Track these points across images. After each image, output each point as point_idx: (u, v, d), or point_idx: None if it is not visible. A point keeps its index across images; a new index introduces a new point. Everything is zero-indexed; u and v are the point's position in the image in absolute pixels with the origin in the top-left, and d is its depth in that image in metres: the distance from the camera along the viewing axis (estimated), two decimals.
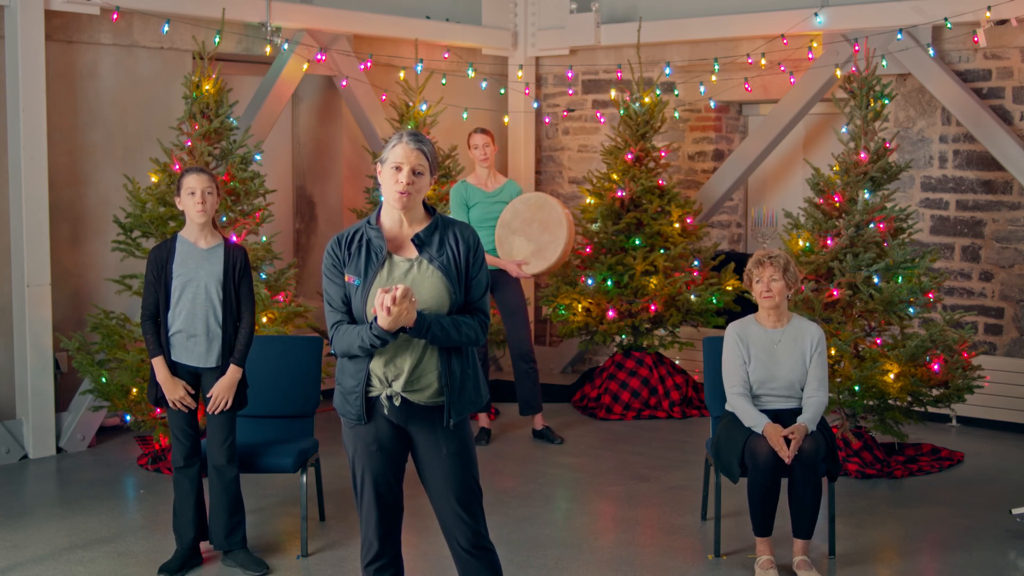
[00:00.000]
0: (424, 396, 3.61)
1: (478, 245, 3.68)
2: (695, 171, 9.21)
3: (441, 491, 3.67)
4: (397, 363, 3.58)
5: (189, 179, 4.79)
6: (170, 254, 4.80)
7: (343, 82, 8.19)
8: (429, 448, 3.66)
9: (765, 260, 4.95)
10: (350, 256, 3.61)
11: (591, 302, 7.88)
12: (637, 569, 4.97)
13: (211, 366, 4.82)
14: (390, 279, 3.56)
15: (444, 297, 3.57)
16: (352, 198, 8.67)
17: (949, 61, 7.75)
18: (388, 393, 3.60)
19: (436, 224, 3.65)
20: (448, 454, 3.65)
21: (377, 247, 3.59)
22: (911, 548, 5.32)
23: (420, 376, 3.59)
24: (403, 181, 3.55)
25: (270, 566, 4.95)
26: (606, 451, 6.98)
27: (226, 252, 4.84)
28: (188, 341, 4.79)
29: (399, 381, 3.58)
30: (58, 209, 6.96)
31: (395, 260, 3.60)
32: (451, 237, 3.63)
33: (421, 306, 3.52)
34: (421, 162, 3.57)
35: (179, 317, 4.77)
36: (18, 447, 6.66)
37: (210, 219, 4.85)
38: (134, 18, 7.29)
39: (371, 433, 3.65)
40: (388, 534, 3.74)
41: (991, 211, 7.74)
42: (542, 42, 9.53)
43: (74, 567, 4.95)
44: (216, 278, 4.79)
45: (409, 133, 3.61)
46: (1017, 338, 7.70)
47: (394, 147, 3.59)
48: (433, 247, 3.61)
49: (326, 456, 6.51)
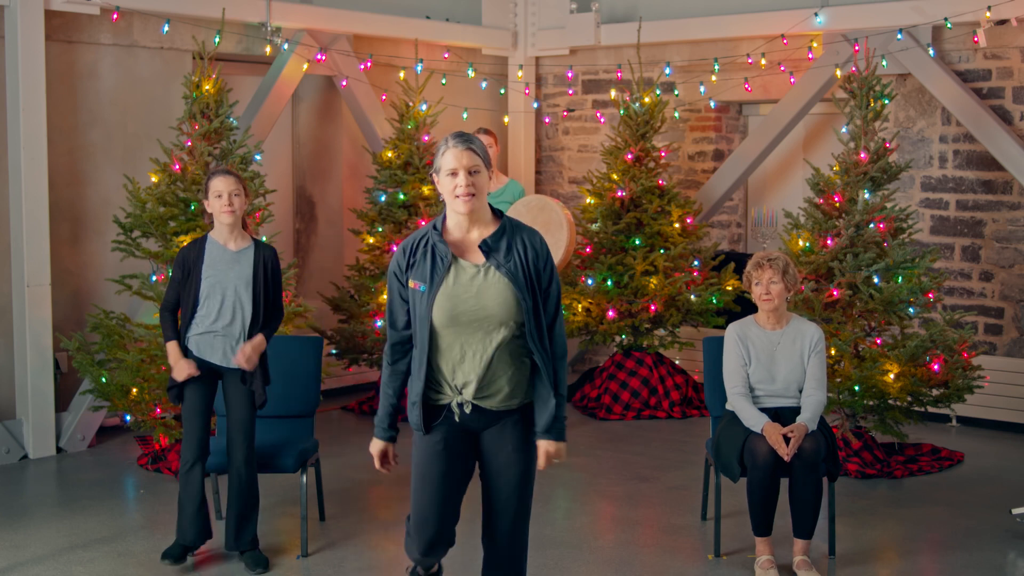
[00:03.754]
0: (495, 402, 3.57)
1: (548, 252, 3.61)
2: (695, 171, 9.21)
3: (499, 484, 3.63)
4: (466, 370, 3.54)
5: (216, 182, 4.78)
6: (200, 255, 4.80)
7: (343, 82, 8.20)
8: (494, 444, 3.62)
9: (764, 262, 4.95)
10: (415, 262, 3.55)
11: (591, 302, 7.88)
12: (637, 569, 4.97)
13: (234, 366, 4.83)
14: (456, 285, 3.50)
15: (512, 304, 3.50)
16: (352, 198, 8.67)
17: (949, 61, 7.75)
18: (459, 401, 3.57)
19: (504, 228, 3.57)
20: (514, 449, 3.61)
21: (443, 252, 3.52)
22: (911, 548, 5.32)
23: (490, 383, 3.55)
24: (462, 184, 3.49)
25: (270, 565, 4.95)
26: (606, 451, 6.98)
27: (256, 254, 4.85)
28: (215, 340, 4.80)
29: (469, 388, 3.54)
30: (58, 209, 6.96)
31: (461, 265, 3.53)
32: (519, 243, 3.56)
33: (490, 313, 3.49)
34: (475, 161, 3.52)
35: (208, 318, 4.78)
36: (18, 447, 6.66)
37: (239, 220, 4.84)
38: (134, 18, 7.29)
39: (439, 435, 3.61)
40: (437, 544, 3.70)
41: (991, 211, 7.74)
42: (542, 42, 9.53)
43: (74, 567, 4.95)
44: (245, 280, 4.80)
45: (454, 136, 3.57)
46: (1017, 338, 7.70)
47: (444, 154, 3.54)
48: (501, 253, 3.53)
49: (326, 456, 6.52)
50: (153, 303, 6.44)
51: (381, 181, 7.81)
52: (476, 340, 3.51)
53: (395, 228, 7.76)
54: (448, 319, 3.49)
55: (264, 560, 4.92)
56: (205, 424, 4.87)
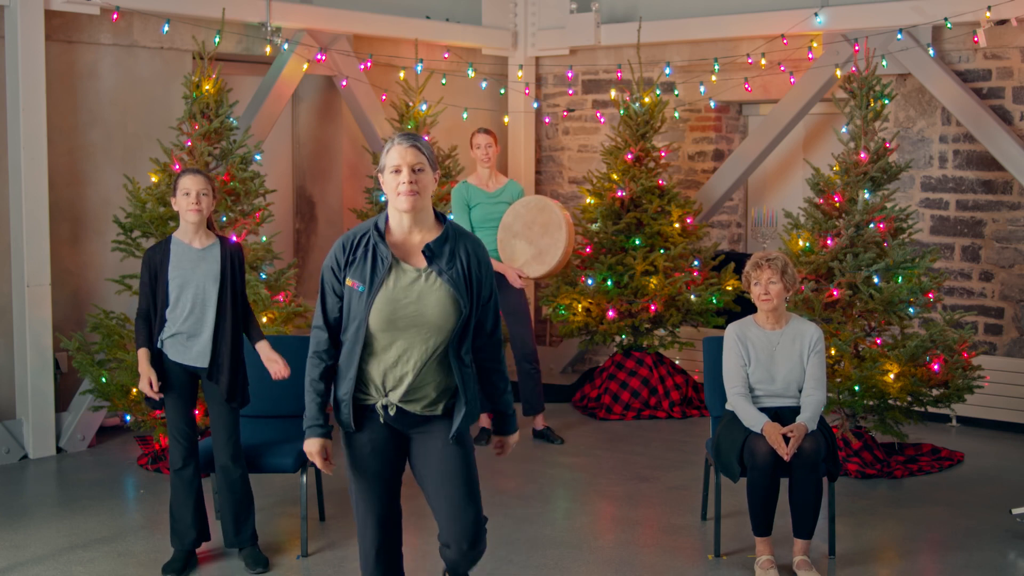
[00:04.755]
0: (419, 406, 3.58)
1: (489, 263, 3.62)
2: (695, 171, 9.21)
3: (441, 476, 3.61)
4: (397, 374, 3.53)
5: (185, 180, 4.79)
6: (165, 256, 4.79)
7: (343, 82, 8.19)
8: (426, 444, 3.62)
9: (763, 263, 4.95)
10: (355, 260, 3.52)
11: (591, 302, 7.88)
12: (637, 569, 4.97)
13: (203, 366, 4.81)
14: (396, 288, 3.48)
15: (451, 311, 3.50)
16: (352, 198, 8.67)
17: (949, 61, 7.75)
18: (384, 403, 3.57)
19: (447, 234, 3.55)
20: (445, 444, 3.60)
21: (383, 254, 3.49)
22: (911, 548, 5.32)
23: (419, 387, 3.55)
24: (405, 180, 3.47)
25: (270, 565, 4.95)
26: (606, 451, 6.98)
27: (223, 251, 4.84)
28: (188, 341, 4.79)
29: (397, 391, 3.54)
30: (58, 209, 6.96)
31: (403, 268, 3.51)
32: (462, 250, 3.55)
33: (428, 320, 3.48)
34: (418, 159, 3.49)
35: (179, 319, 4.77)
36: (18, 447, 6.66)
37: (204, 220, 4.83)
38: (134, 18, 7.29)
39: (365, 435, 3.61)
40: (385, 546, 3.69)
41: (991, 211, 7.74)
42: (542, 42, 9.53)
43: (74, 567, 4.95)
44: (213, 277, 4.79)
45: (400, 135, 3.56)
46: (1017, 338, 7.70)
47: (388, 151, 3.53)
48: (443, 259, 3.51)
49: None
50: None
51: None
52: (411, 345, 3.50)
53: None
54: (385, 323, 3.47)
55: (264, 560, 4.93)
56: (189, 425, 4.86)
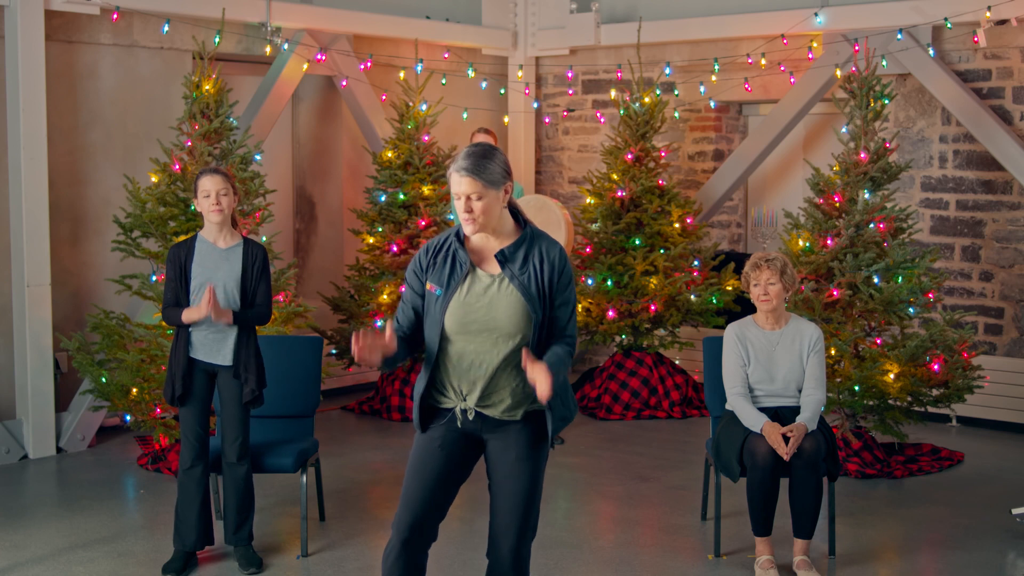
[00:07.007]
0: (498, 411, 3.57)
1: (565, 265, 3.57)
2: (695, 171, 9.21)
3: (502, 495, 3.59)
4: (471, 378, 3.54)
5: (203, 181, 4.79)
6: (189, 254, 4.82)
7: (343, 82, 8.20)
8: (500, 453, 3.60)
9: (762, 263, 4.94)
10: (435, 264, 3.56)
11: (591, 302, 7.88)
12: (637, 569, 4.97)
13: (227, 364, 4.83)
14: (470, 294, 3.50)
15: (521, 317, 3.49)
16: (352, 198, 8.68)
17: (949, 61, 7.75)
18: (462, 407, 3.57)
19: (523, 239, 3.56)
20: (518, 458, 3.58)
21: (462, 259, 3.53)
22: (911, 548, 5.32)
23: (493, 392, 3.55)
24: (463, 210, 3.49)
25: (266, 565, 4.95)
26: (606, 451, 6.98)
27: (245, 251, 4.86)
28: (207, 339, 4.80)
29: (473, 396, 3.55)
30: (58, 209, 6.96)
31: (478, 275, 3.53)
32: (536, 255, 3.54)
33: (499, 325, 3.49)
34: (474, 188, 3.49)
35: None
36: (18, 447, 6.66)
37: (228, 219, 4.86)
38: (134, 18, 7.29)
39: (438, 431, 3.60)
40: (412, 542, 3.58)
41: (991, 211, 7.74)
42: (542, 42, 9.53)
43: (74, 567, 4.95)
44: (235, 278, 4.81)
45: (461, 157, 3.54)
46: (1017, 338, 7.70)
47: (450, 175, 3.53)
48: (516, 264, 3.52)
49: (326, 456, 6.52)
50: (153, 303, 6.44)
51: (381, 181, 7.81)
52: (484, 350, 3.51)
53: (395, 228, 7.76)
54: (458, 327, 3.50)
55: (257, 560, 4.92)
56: (203, 428, 4.87)
